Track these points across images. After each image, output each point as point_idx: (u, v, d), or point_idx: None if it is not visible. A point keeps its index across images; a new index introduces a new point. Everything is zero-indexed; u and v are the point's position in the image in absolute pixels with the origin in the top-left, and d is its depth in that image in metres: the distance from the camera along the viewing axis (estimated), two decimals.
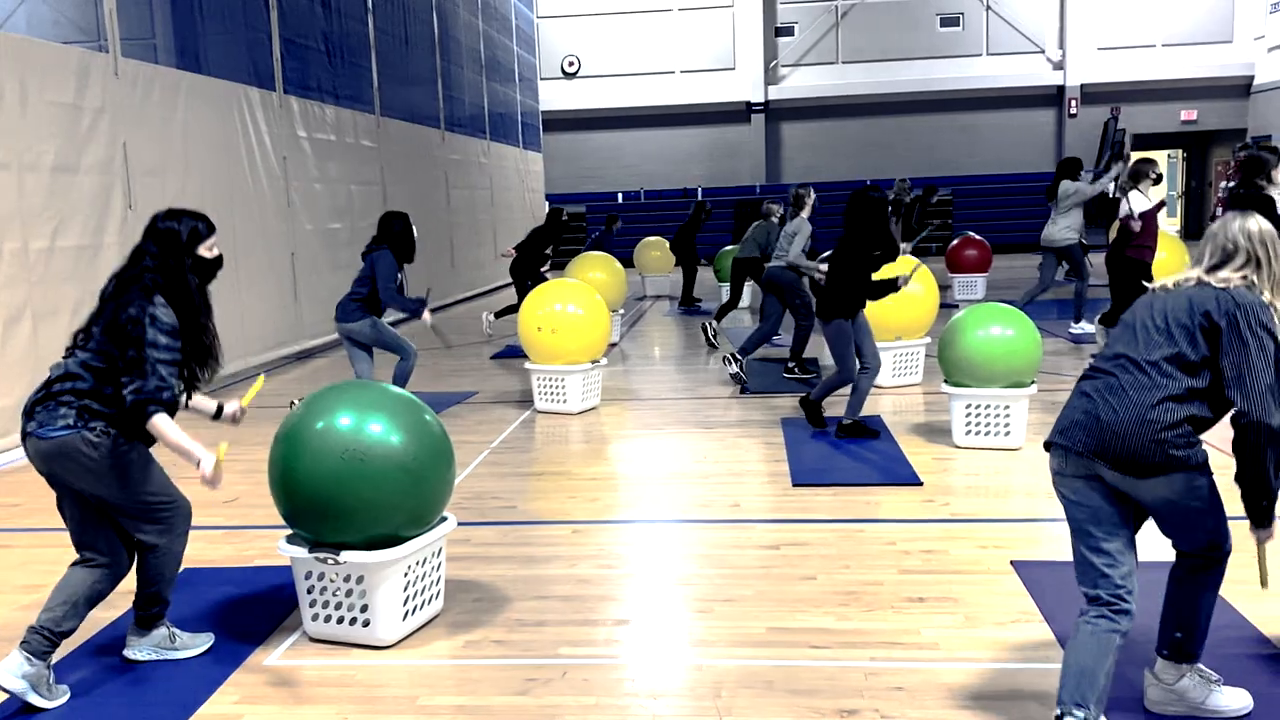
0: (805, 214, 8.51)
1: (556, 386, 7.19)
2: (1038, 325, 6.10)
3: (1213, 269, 2.76)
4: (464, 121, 16.50)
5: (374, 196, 12.58)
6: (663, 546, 4.43)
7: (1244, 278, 2.71)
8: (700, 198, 15.65)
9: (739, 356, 8.18)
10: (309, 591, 3.52)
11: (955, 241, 13.45)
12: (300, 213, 10.55)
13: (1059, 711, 2.63)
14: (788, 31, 23.17)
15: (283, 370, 9.69)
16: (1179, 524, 2.82)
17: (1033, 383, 5.84)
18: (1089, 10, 22.38)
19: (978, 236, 13.44)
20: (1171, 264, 9.02)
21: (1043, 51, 22.63)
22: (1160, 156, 26.66)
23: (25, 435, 3.20)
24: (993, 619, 3.56)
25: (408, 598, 3.51)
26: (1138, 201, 8.01)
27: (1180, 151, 25.43)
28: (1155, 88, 22.35)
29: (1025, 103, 22.73)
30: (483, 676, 3.28)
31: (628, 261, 16.18)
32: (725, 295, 13.47)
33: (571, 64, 23.54)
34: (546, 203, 22.36)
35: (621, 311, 10.89)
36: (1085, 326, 9.76)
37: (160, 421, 3.15)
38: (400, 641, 3.51)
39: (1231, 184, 5.83)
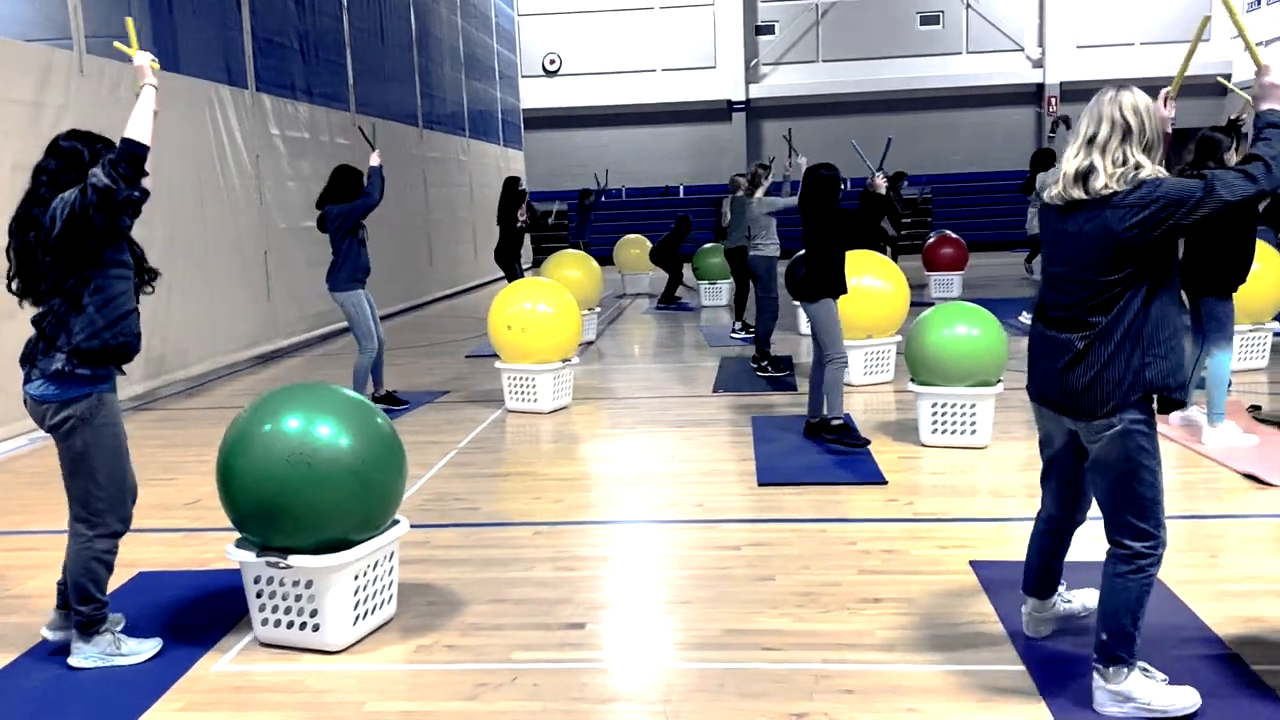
0: (760, 193, 8.70)
1: (527, 386, 7.16)
2: (1004, 324, 6.10)
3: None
4: (443, 119, 16.43)
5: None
6: (624, 548, 4.41)
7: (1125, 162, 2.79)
8: (682, 212, 15.41)
9: (763, 363, 8.36)
10: (258, 596, 3.48)
11: (931, 240, 13.48)
12: (273, 211, 10.47)
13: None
14: (768, 30, 23.16)
15: (256, 370, 9.62)
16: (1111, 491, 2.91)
17: (999, 381, 5.84)
18: (1068, 8, 22.44)
19: (954, 235, 13.47)
20: None
21: (1022, 49, 22.69)
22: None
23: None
24: (947, 620, 3.55)
25: (358, 602, 3.47)
26: None
27: None
28: (1134, 85, 22.40)
29: (1005, 101, 22.79)
30: (432, 682, 3.25)
31: (607, 259, 16.22)
32: (705, 293, 13.48)
33: (553, 62, 23.47)
34: (541, 210, 22.30)
35: (598, 309, 10.84)
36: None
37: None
38: (351, 646, 3.47)
39: (1185, 164, 5.76)
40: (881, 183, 7.06)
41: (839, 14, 22.89)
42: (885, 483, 5.20)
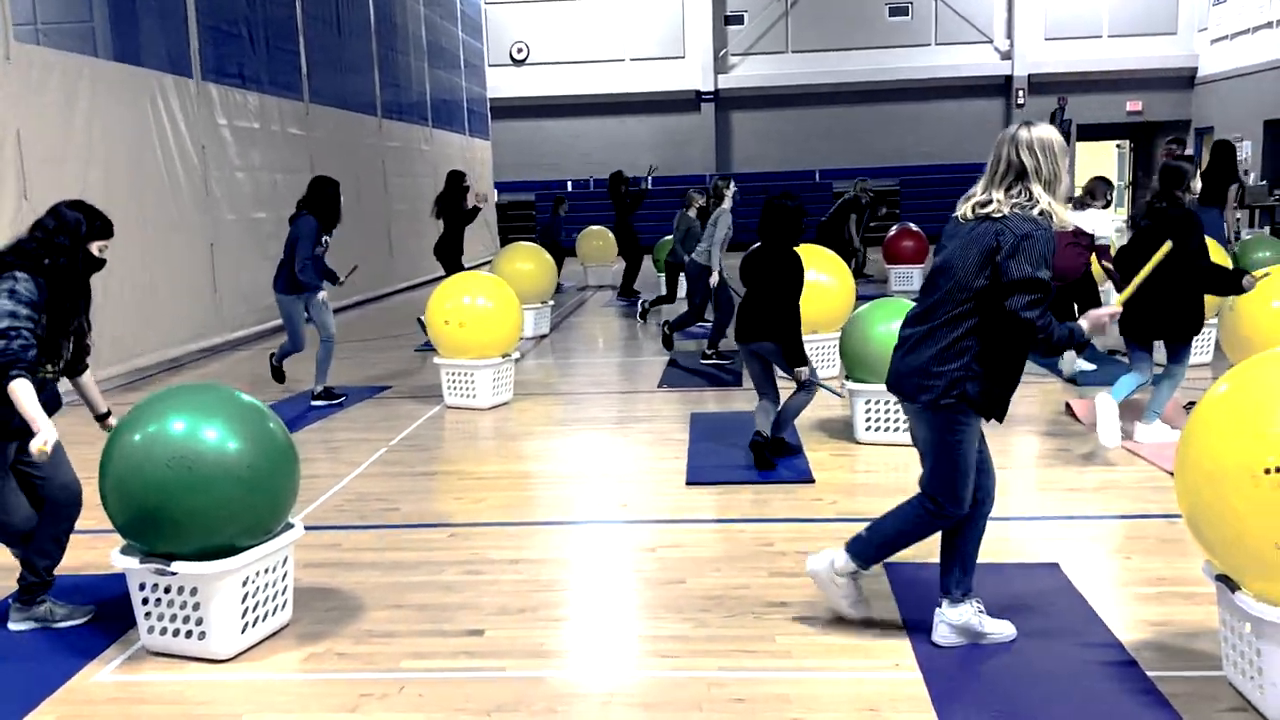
0: (726, 205, 8.50)
1: (466, 381, 7.06)
2: None
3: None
4: (403, 108, 16.24)
5: (302, 184, 12.03)
6: (537, 550, 4.33)
7: (1018, 193, 3.04)
8: (648, 201, 14.87)
9: (708, 353, 8.38)
10: (144, 604, 3.38)
11: (892, 232, 13.44)
12: (220, 202, 10.30)
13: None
14: (737, 20, 23.06)
15: (201, 363, 9.47)
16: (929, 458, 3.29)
17: None
18: (1037, 1, 22.46)
19: (915, 228, 13.44)
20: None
21: (991, 41, 22.69)
22: (1108, 147, 26.93)
23: None
24: (851, 625, 3.49)
25: (246, 609, 3.38)
26: (1094, 222, 7.44)
27: (1127, 142, 25.68)
28: (1101, 78, 22.48)
29: (973, 93, 22.79)
30: (315, 692, 3.17)
31: (571, 250, 16.11)
32: (664, 287, 13.40)
33: (520, 51, 23.28)
34: (494, 191, 22.14)
35: (551, 303, 10.74)
36: None
37: (18, 387, 3.20)
38: (241, 654, 3.38)
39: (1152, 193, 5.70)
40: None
41: (808, 5, 22.80)
42: (813, 481, 5.15)
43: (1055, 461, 5.43)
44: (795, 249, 5.39)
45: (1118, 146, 26.89)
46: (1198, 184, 5.39)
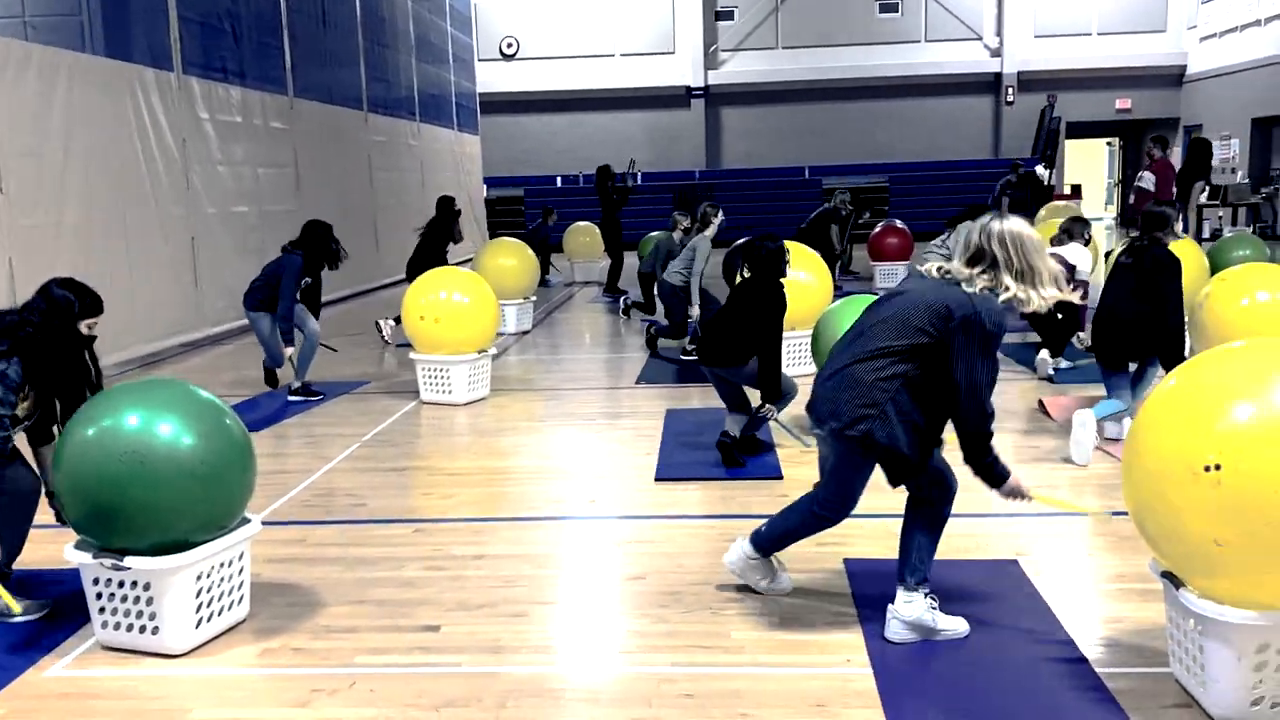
0: (709, 233, 8.46)
1: (441, 377, 7.05)
2: None
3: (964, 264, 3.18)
4: (390, 103, 16.21)
5: (285, 179, 12.32)
6: (501, 546, 4.33)
7: (986, 275, 3.11)
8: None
9: (689, 348, 8.36)
10: (98, 599, 3.38)
11: (878, 229, 13.45)
12: (202, 196, 10.28)
13: None
14: (727, 16, 23.05)
15: (182, 358, 9.45)
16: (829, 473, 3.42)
17: None
18: None
19: (900, 224, 13.46)
20: None
21: (980, 39, 22.71)
22: (1098, 145, 26.97)
23: None
24: (807, 620, 3.50)
25: (201, 605, 3.37)
26: (1077, 256, 7.51)
27: (1116, 140, 25.72)
28: (1091, 76, 22.53)
29: (963, 89, 22.82)
30: (267, 687, 3.17)
31: (558, 246, 16.09)
32: (643, 295, 13.35)
33: (510, 45, 23.25)
34: (484, 186, 22.12)
35: (533, 298, 10.73)
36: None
37: None
38: (196, 649, 3.38)
39: (1135, 233, 5.78)
40: None
41: (799, 1, 22.80)
42: (781, 478, 5.15)
43: (1025, 458, 5.44)
44: (781, 284, 5.30)
45: (1108, 144, 26.94)
46: (1180, 226, 5.45)
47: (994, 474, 3.21)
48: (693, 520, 4.62)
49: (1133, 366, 5.55)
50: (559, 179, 22.86)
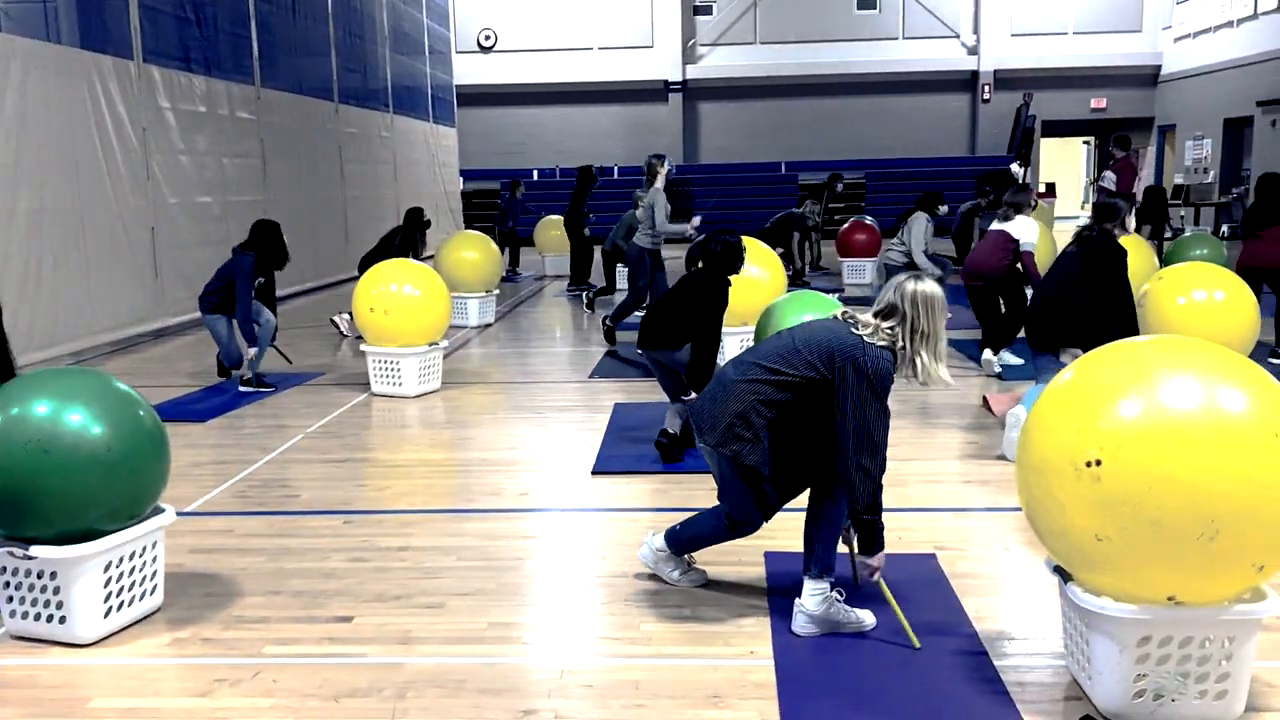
0: (659, 184, 8.56)
1: (392, 369, 7.05)
2: None
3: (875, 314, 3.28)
4: (363, 94, 16.15)
5: (252, 169, 12.26)
6: (427, 538, 4.34)
7: (891, 329, 3.22)
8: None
9: (608, 324, 8.40)
10: (5, 588, 3.37)
11: (845, 225, 13.49)
12: (162, 186, 10.22)
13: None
14: (706, 10, 23.05)
15: (140, 348, 9.41)
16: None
17: None
18: None
19: (869, 220, 13.50)
20: None
21: (958, 36, 22.78)
22: (1074, 144, 27.11)
23: None
24: (719, 612, 3.53)
25: (110, 594, 3.37)
26: (1023, 230, 7.37)
27: (1092, 139, 25.86)
28: (1066, 75, 22.64)
29: (940, 87, 22.89)
30: (172, 677, 3.17)
31: (528, 240, 16.09)
32: (604, 278, 13.39)
33: (488, 38, 23.19)
34: (460, 178, 22.06)
35: (496, 291, 10.72)
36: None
37: None
38: (105, 639, 3.38)
39: (1086, 224, 5.88)
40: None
41: None
42: None
43: (960, 454, 5.48)
44: (728, 281, 5.30)
45: (1085, 143, 27.08)
46: (1132, 221, 5.56)
47: (874, 534, 3.22)
48: (623, 513, 4.64)
49: (1073, 355, 5.59)
50: (535, 172, 22.82)
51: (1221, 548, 2.53)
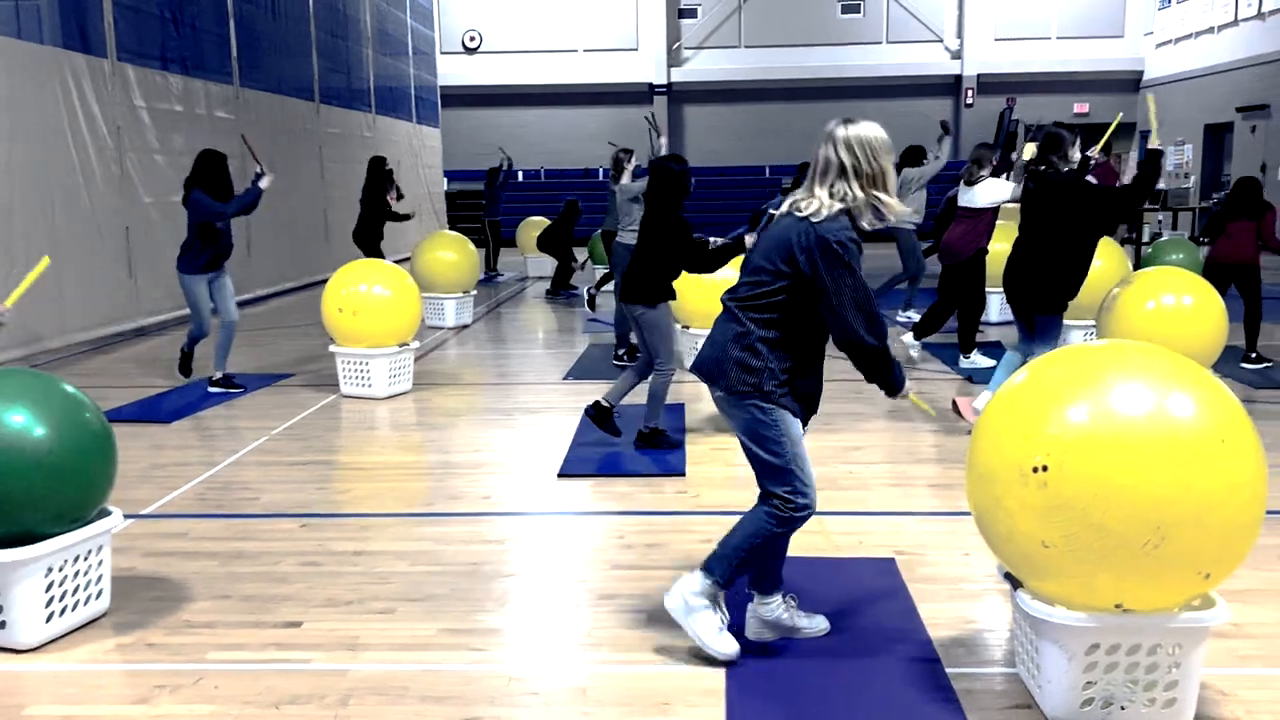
0: (625, 179, 8.49)
1: (361, 370, 6.99)
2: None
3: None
4: (345, 94, 16.08)
5: (232, 169, 12.07)
6: (384, 543, 4.28)
7: (834, 191, 2.98)
8: (573, 197, 14.71)
9: (620, 351, 8.19)
10: None
11: None
12: (137, 185, 10.14)
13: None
14: (690, 14, 23.05)
15: (114, 348, 9.32)
16: (749, 455, 3.17)
17: None
18: (987, 1, 22.62)
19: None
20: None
21: (941, 41, 22.83)
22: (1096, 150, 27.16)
23: None
24: (669, 620, 3.46)
25: (51, 599, 3.31)
26: (992, 193, 7.40)
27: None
28: (1049, 80, 22.71)
29: (923, 91, 22.93)
30: (111, 683, 3.11)
31: (510, 241, 16.04)
32: (598, 277, 13.36)
33: (473, 39, 23.13)
34: (445, 179, 22.00)
35: (474, 292, 10.66)
36: (913, 315, 9.73)
37: None
38: (46, 645, 3.32)
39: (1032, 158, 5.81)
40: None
41: (762, 0, 22.83)
42: (684, 474, 5.14)
43: (926, 458, 5.46)
44: (679, 212, 5.39)
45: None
46: (1076, 153, 5.47)
47: (893, 382, 3.11)
48: (583, 517, 4.60)
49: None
50: (520, 173, 22.77)
51: (1167, 555, 2.51)
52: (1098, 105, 23.00)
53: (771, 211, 3.24)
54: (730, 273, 4.12)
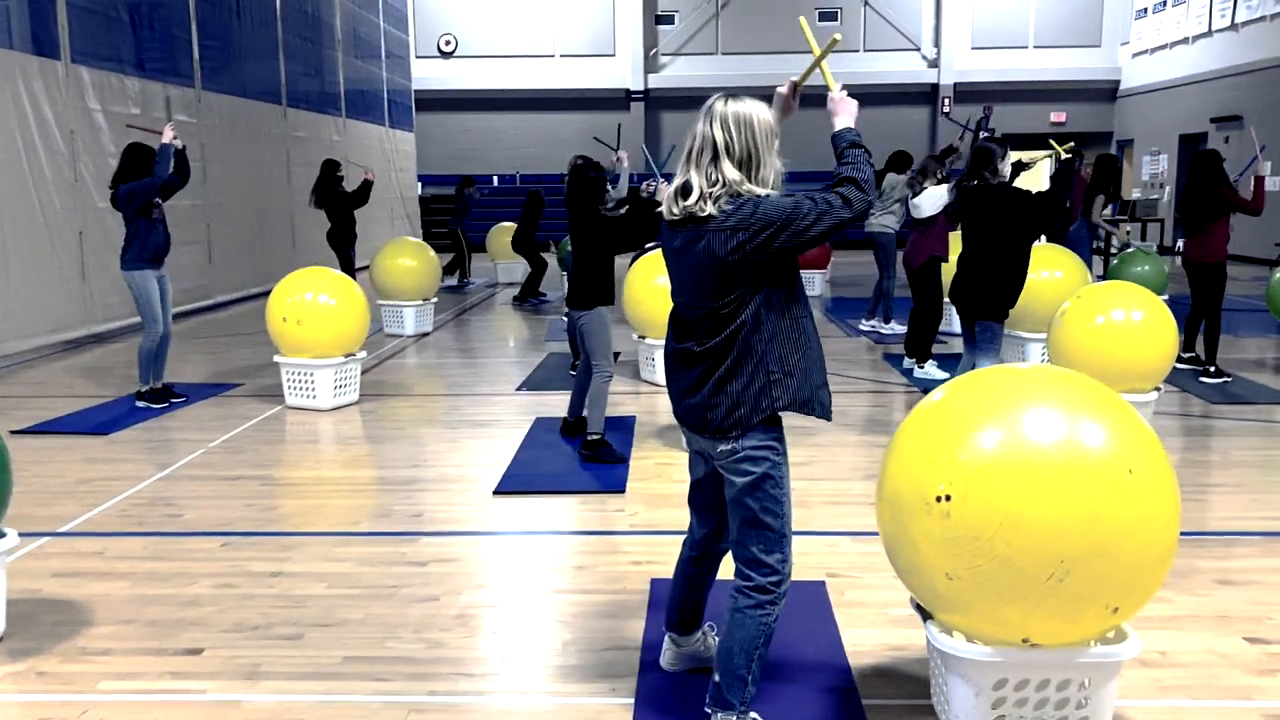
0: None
1: (305, 381, 6.86)
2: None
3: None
4: (313, 98, 15.92)
5: (192, 173, 11.97)
6: (305, 563, 4.16)
7: (716, 183, 2.61)
8: (536, 187, 14.65)
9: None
10: None
11: None
12: (91, 189, 9.97)
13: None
14: (668, 20, 22.98)
15: (67, 355, 9.16)
16: (741, 518, 2.69)
17: None
18: (964, 10, 22.65)
19: None
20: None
21: (918, 49, 22.84)
22: (1038, 157, 27.23)
23: None
24: (587, 645, 3.38)
25: None
26: (932, 202, 7.65)
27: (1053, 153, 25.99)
28: (1026, 89, 22.74)
29: (901, 99, 22.93)
30: None
31: (480, 246, 15.92)
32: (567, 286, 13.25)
33: (449, 43, 23.00)
34: (419, 183, 21.85)
35: (434, 300, 10.54)
36: (896, 327, 9.75)
37: None
38: None
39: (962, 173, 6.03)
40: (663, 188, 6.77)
41: (738, 7, 22.80)
42: (623, 492, 5.04)
43: (868, 474, 5.36)
44: (602, 214, 5.62)
45: (1048, 156, 27.19)
46: (1007, 167, 5.63)
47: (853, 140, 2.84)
48: (515, 536, 4.49)
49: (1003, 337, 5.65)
50: (495, 178, 22.67)
51: (1072, 589, 2.42)
52: (1075, 114, 23.05)
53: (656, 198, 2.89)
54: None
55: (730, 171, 2.63)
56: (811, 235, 2.60)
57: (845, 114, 2.82)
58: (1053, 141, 7.47)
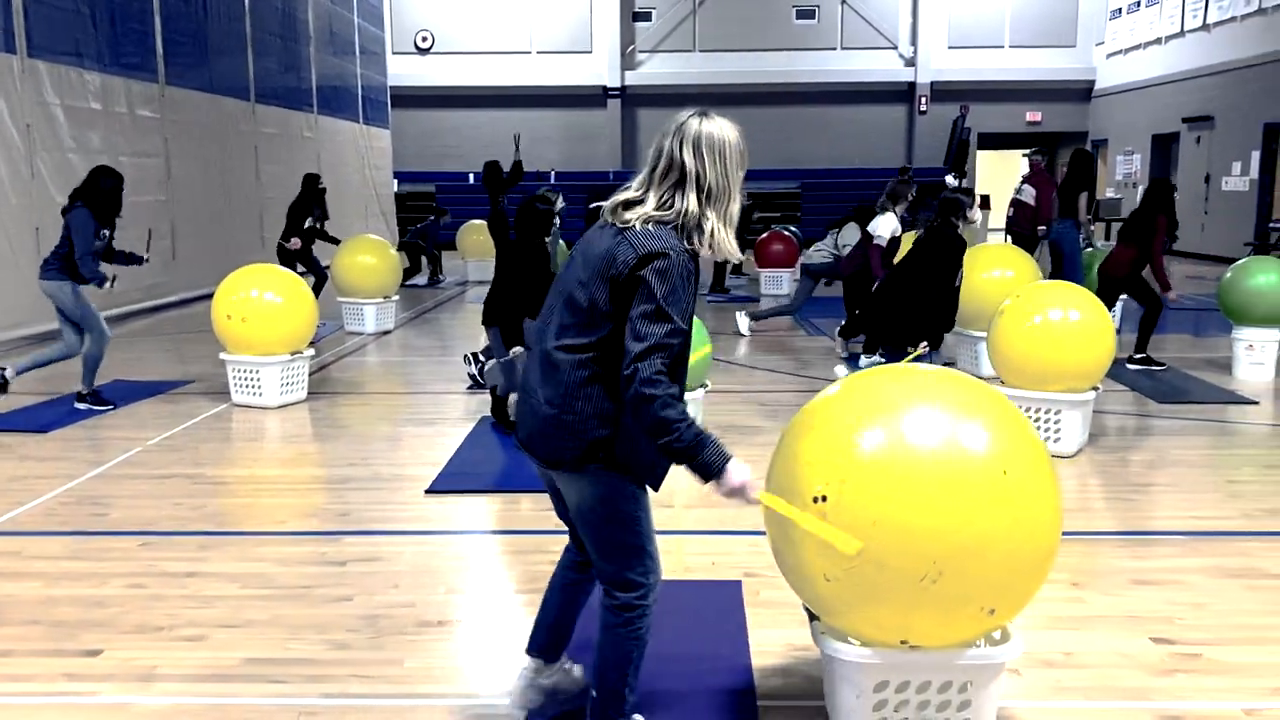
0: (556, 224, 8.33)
1: (251, 379, 6.82)
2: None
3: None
4: (284, 93, 15.83)
5: (155, 169, 11.93)
6: (221, 563, 4.12)
7: (664, 202, 2.39)
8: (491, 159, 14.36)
9: (479, 357, 8.00)
10: None
11: (764, 236, 13.44)
12: (48, 185, 9.89)
13: None
14: (645, 17, 22.96)
15: (23, 351, 9.07)
16: (591, 537, 2.56)
17: (701, 386, 5.72)
18: (941, 9, 22.69)
19: (787, 232, 13.47)
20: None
21: (895, 48, 22.87)
22: (1013, 155, 27.31)
23: None
24: (508, 645, 3.35)
25: None
26: (881, 226, 7.70)
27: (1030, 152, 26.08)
28: (1002, 88, 22.81)
29: (877, 98, 22.97)
30: None
31: (450, 244, 15.88)
32: None
33: (425, 39, 22.92)
34: (394, 180, 21.77)
35: (396, 298, 10.49)
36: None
37: None
38: None
39: (930, 215, 6.47)
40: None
41: (716, 4, 22.79)
42: None
43: None
44: (542, 242, 5.90)
45: (1024, 156, 27.29)
46: (976, 215, 6.01)
47: (706, 467, 2.34)
48: (438, 536, 4.46)
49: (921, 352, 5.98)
50: (471, 175, 22.57)
51: (947, 591, 2.41)
52: (1050, 114, 23.14)
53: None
54: None
55: (692, 203, 2.38)
56: (636, 327, 2.30)
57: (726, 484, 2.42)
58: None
